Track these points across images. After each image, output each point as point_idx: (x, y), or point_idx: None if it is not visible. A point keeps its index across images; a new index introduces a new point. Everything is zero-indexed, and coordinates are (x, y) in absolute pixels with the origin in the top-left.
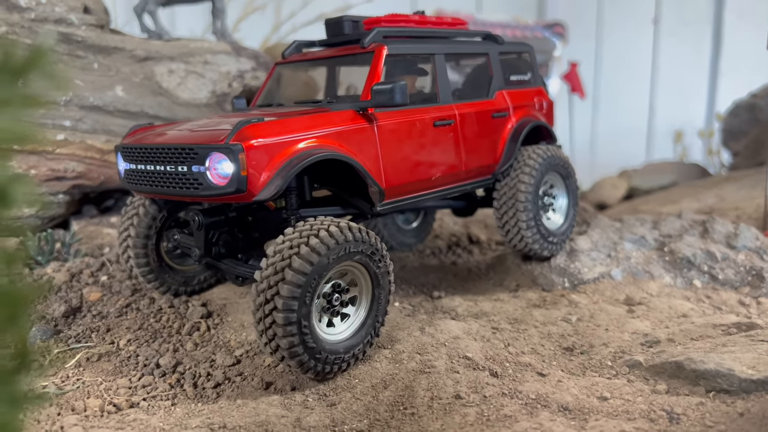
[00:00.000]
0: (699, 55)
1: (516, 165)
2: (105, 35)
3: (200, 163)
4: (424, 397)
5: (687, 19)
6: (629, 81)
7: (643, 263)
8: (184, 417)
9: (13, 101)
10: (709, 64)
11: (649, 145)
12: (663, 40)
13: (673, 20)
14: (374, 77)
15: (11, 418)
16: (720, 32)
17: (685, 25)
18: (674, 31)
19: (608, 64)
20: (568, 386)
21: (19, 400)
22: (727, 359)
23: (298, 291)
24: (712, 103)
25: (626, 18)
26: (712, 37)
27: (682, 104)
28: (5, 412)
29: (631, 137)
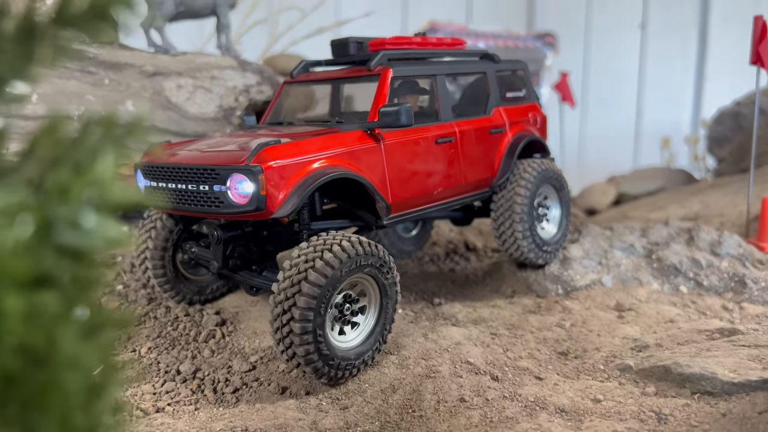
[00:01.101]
0: (685, 61)
1: (512, 178)
2: (115, 51)
3: (222, 183)
4: (430, 400)
5: (673, 24)
6: (617, 87)
7: (632, 270)
8: (208, 421)
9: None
10: (695, 69)
11: (637, 150)
12: (650, 46)
13: (659, 25)
14: (381, 99)
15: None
16: (706, 37)
17: (671, 30)
18: (661, 36)
19: (596, 70)
20: (564, 389)
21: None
22: (710, 363)
23: (314, 302)
24: (698, 108)
25: (614, 24)
26: (697, 42)
27: (669, 110)
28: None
29: (619, 143)
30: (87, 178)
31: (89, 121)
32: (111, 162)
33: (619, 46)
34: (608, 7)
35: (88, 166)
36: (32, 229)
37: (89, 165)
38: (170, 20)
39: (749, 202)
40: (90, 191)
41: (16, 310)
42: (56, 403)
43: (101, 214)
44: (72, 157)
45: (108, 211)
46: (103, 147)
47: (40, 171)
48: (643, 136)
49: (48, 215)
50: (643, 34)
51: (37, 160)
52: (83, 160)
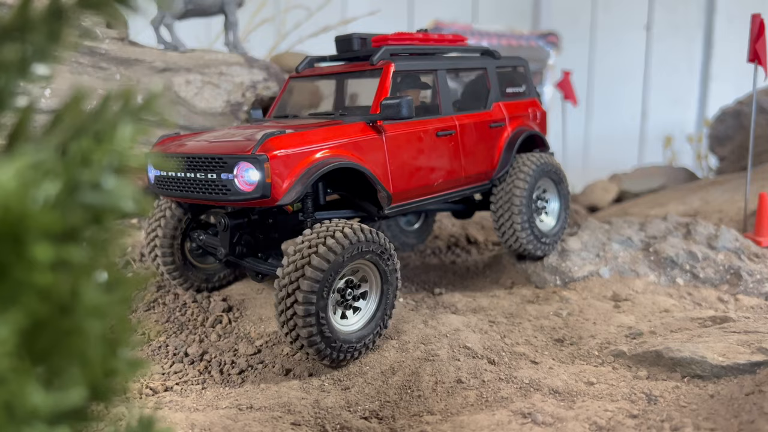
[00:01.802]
0: (690, 61)
1: (512, 171)
2: (126, 47)
3: (229, 171)
4: (429, 381)
5: (678, 25)
6: (622, 87)
7: (630, 262)
8: (214, 399)
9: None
10: (700, 69)
11: (641, 149)
12: (655, 46)
13: (665, 26)
14: (383, 92)
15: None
16: (711, 38)
17: (676, 31)
18: (666, 37)
19: (601, 70)
20: (559, 373)
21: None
22: (701, 348)
23: (317, 286)
24: (703, 108)
25: (619, 24)
26: (703, 42)
27: (673, 110)
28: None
29: (624, 142)
30: (108, 145)
31: (109, 96)
32: (129, 131)
33: (624, 46)
34: (613, 8)
35: (108, 134)
36: (59, 188)
37: (110, 134)
38: (179, 18)
39: (747, 197)
40: (110, 157)
41: (45, 259)
42: (79, 348)
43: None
44: (94, 126)
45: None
46: (121, 118)
47: (65, 139)
48: (648, 137)
49: (73, 177)
50: (649, 34)
51: (62, 129)
52: (104, 130)
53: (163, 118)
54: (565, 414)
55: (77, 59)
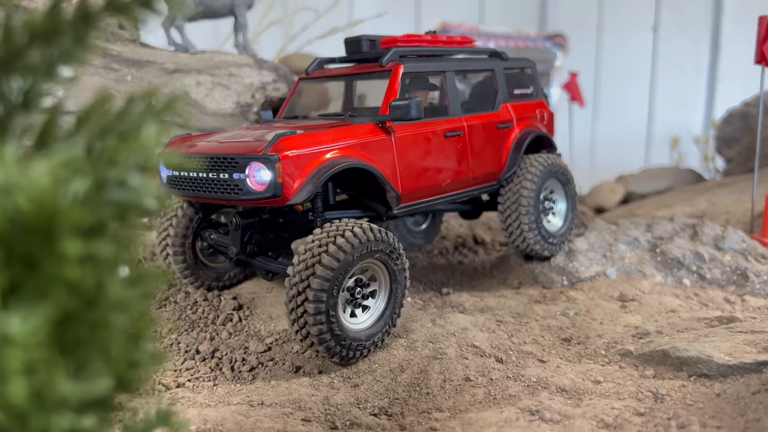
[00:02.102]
0: (697, 63)
1: (519, 172)
2: (137, 49)
3: (241, 171)
4: (437, 379)
5: (686, 27)
6: (628, 88)
7: (637, 263)
8: (226, 395)
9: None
10: (707, 71)
11: (648, 151)
12: (662, 48)
13: (672, 28)
14: (392, 94)
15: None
16: (718, 40)
17: (683, 32)
18: (673, 39)
19: (608, 72)
20: (566, 371)
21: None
22: (707, 347)
23: (327, 284)
24: (710, 111)
25: (626, 26)
26: (710, 44)
27: (680, 111)
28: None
29: (630, 144)
30: (133, 144)
31: (133, 97)
32: (153, 131)
33: (631, 48)
34: (620, 9)
35: (133, 134)
36: (88, 185)
37: (135, 133)
38: (190, 20)
39: (754, 199)
40: (136, 155)
41: (74, 254)
42: (104, 340)
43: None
44: (119, 127)
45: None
46: (145, 119)
47: (91, 139)
48: (655, 139)
49: (100, 175)
50: (655, 36)
51: (88, 129)
52: (129, 130)
53: (184, 119)
54: (572, 411)
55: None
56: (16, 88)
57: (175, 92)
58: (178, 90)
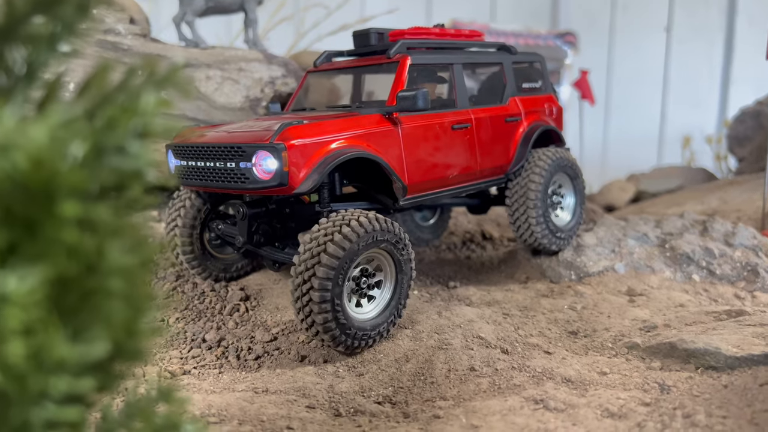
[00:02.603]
0: (711, 63)
1: (527, 166)
2: (148, 44)
3: (247, 160)
4: (442, 369)
5: (699, 27)
6: (641, 88)
7: (645, 258)
8: (231, 382)
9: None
10: (721, 71)
11: (660, 151)
12: (675, 48)
13: (685, 28)
14: (399, 85)
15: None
16: (732, 40)
17: (696, 33)
18: (686, 39)
19: (620, 72)
20: (572, 363)
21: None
22: (715, 339)
23: (332, 273)
24: (724, 110)
25: (638, 26)
26: (724, 44)
27: (693, 111)
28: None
29: (643, 143)
30: (132, 110)
31: (134, 67)
32: (153, 99)
33: (644, 48)
34: (633, 10)
35: (133, 101)
36: (87, 149)
37: (134, 100)
38: (200, 15)
39: (765, 197)
40: (135, 122)
41: (72, 216)
42: (103, 306)
43: (144, 142)
44: (119, 94)
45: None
46: (145, 87)
47: (92, 106)
48: (667, 139)
49: (99, 140)
50: (668, 36)
51: (89, 97)
52: (129, 97)
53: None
54: (577, 401)
55: (101, 55)
56: (19, 58)
57: (176, 62)
58: (180, 60)
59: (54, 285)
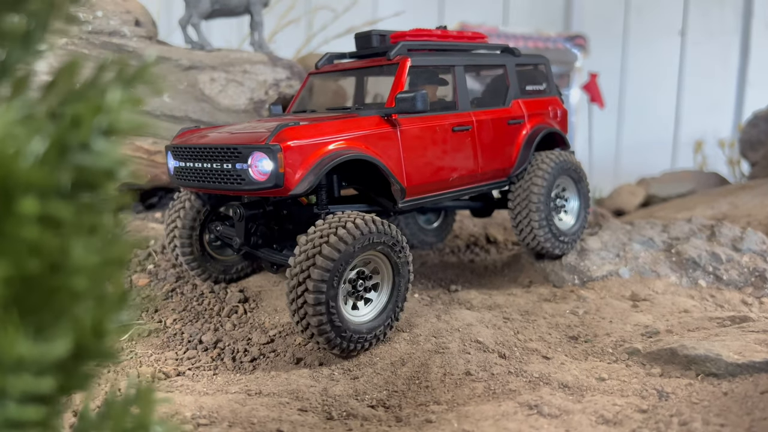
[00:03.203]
0: (726, 67)
1: (530, 168)
2: (153, 46)
3: (243, 161)
4: (437, 373)
5: (714, 31)
6: (655, 92)
7: (651, 263)
8: (225, 384)
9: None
10: (737, 75)
11: (675, 155)
12: (689, 52)
13: (700, 32)
14: (398, 86)
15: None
16: (748, 42)
17: (711, 35)
18: (701, 43)
19: (634, 75)
20: (570, 368)
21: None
22: (716, 346)
23: (327, 275)
24: (740, 114)
25: (652, 29)
26: (739, 48)
27: (708, 116)
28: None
29: (657, 148)
30: (97, 107)
31: (104, 64)
32: (119, 94)
33: (658, 52)
34: (647, 13)
35: (98, 98)
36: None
37: (100, 97)
38: (206, 18)
39: None
40: (100, 118)
41: (31, 213)
42: (67, 305)
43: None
44: (86, 91)
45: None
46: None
47: (58, 102)
48: (681, 142)
49: (62, 137)
50: (683, 40)
51: (55, 94)
52: (95, 93)
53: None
54: (572, 407)
55: (105, 57)
56: None
57: (147, 59)
58: (150, 56)
59: (14, 283)
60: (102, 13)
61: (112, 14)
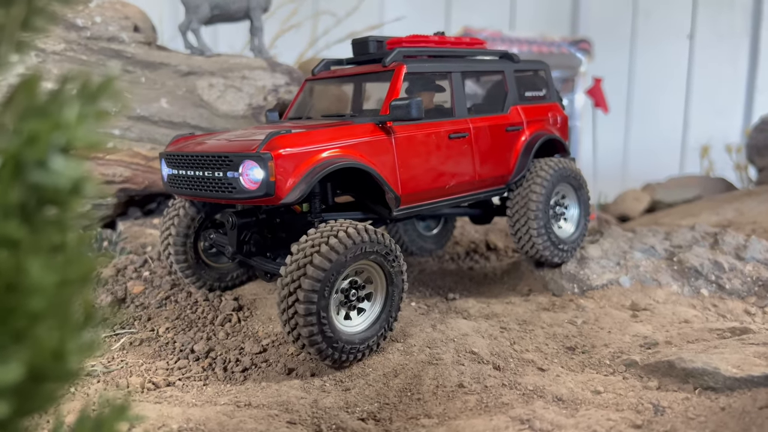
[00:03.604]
0: (735, 70)
1: (528, 176)
2: (152, 51)
3: (234, 170)
4: (430, 385)
5: (723, 34)
6: (663, 96)
7: (652, 272)
8: (214, 395)
9: (90, 116)
10: (746, 78)
11: (683, 160)
12: (698, 55)
13: (708, 35)
14: (393, 93)
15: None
16: (757, 47)
17: (721, 39)
18: (710, 46)
19: (641, 79)
20: (565, 381)
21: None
22: (715, 359)
23: (318, 285)
24: (749, 118)
25: (660, 32)
26: (749, 50)
27: (717, 120)
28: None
29: (664, 152)
30: (54, 122)
31: (66, 78)
32: (77, 109)
33: (666, 55)
34: (654, 16)
35: (55, 114)
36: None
37: (57, 114)
38: (206, 23)
39: None
40: (57, 135)
41: None
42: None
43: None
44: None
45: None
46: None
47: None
48: (689, 147)
49: (19, 156)
50: (691, 43)
51: (13, 110)
52: (53, 109)
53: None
54: (565, 422)
55: (104, 63)
56: None
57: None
58: (114, 70)
59: None
60: (100, 18)
61: (110, 20)
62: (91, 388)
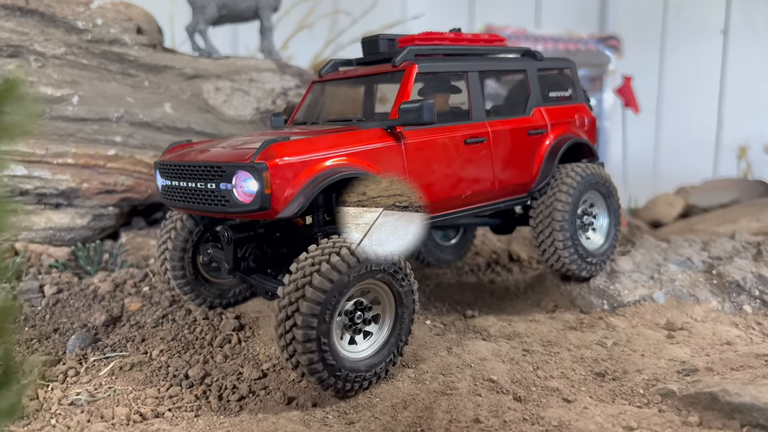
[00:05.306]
0: None
1: (553, 183)
2: (156, 54)
3: (227, 181)
4: (442, 419)
5: (759, 29)
6: (695, 95)
7: (689, 286)
8: (206, 428)
9: None
10: None
11: (717, 161)
12: (732, 52)
13: (743, 30)
14: (404, 95)
15: None
16: None
17: (756, 34)
18: (745, 42)
19: (673, 77)
20: (594, 414)
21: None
22: (764, 392)
23: (318, 308)
24: None
25: (692, 29)
26: None
27: (753, 119)
28: None
29: (698, 153)
30: None
31: None
32: None
33: (698, 52)
34: (686, 11)
35: None
36: None
37: None
38: (214, 24)
39: None
40: None
41: None
42: None
43: None
44: None
45: None
46: None
47: None
48: (724, 148)
49: None
50: (725, 39)
51: None
52: None
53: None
54: None
55: (106, 66)
56: None
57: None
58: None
59: None
60: (102, 21)
61: (112, 22)
62: (73, 420)
